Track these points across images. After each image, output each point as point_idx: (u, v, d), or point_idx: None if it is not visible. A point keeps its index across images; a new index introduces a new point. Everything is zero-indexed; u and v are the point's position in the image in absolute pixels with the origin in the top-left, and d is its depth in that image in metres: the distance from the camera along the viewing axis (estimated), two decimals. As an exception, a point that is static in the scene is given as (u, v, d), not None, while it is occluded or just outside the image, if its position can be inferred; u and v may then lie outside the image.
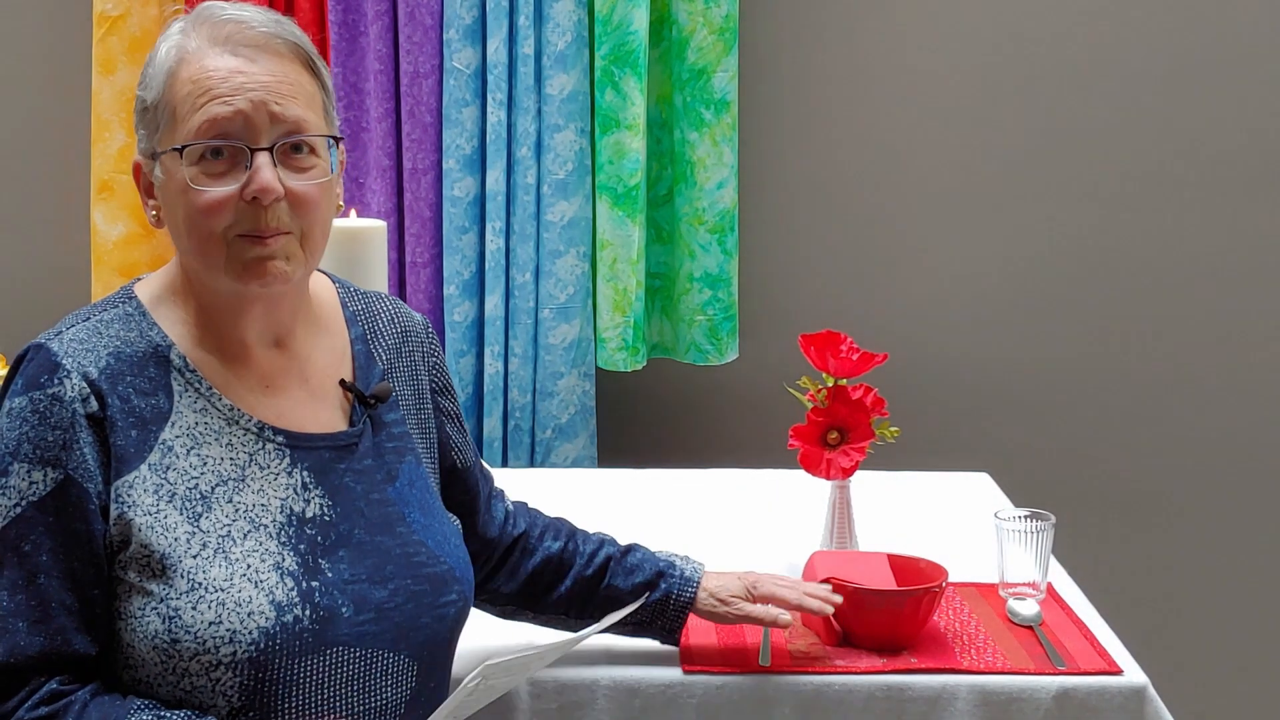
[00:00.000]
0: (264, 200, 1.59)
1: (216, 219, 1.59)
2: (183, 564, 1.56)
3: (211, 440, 1.62)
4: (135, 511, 1.56)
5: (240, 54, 1.60)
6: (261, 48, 1.61)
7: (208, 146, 1.59)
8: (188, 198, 1.59)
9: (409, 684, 1.66)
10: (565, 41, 3.13)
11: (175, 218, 1.63)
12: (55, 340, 1.61)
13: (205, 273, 1.64)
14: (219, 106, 1.58)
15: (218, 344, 1.67)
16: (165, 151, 1.61)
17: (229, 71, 1.59)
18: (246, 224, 1.59)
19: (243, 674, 1.55)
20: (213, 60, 1.60)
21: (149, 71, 1.63)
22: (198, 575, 1.56)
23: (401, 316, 1.85)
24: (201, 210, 1.59)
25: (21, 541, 1.55)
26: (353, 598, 1.62)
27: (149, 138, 1.63)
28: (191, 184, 1.58)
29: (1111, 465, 3.39)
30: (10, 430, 1.57)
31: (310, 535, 1.63)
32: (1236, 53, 3.27)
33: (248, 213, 1.59)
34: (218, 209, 1.59)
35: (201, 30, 1.62)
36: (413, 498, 1.73)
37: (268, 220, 1.60)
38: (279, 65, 1.62)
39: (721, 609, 1.91)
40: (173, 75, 1.60)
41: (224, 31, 1.61)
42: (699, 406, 3.39)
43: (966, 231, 3.33)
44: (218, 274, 1.62)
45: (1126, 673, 1.93)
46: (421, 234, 3.21)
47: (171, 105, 1.60)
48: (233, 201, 1.59)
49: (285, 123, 1.60)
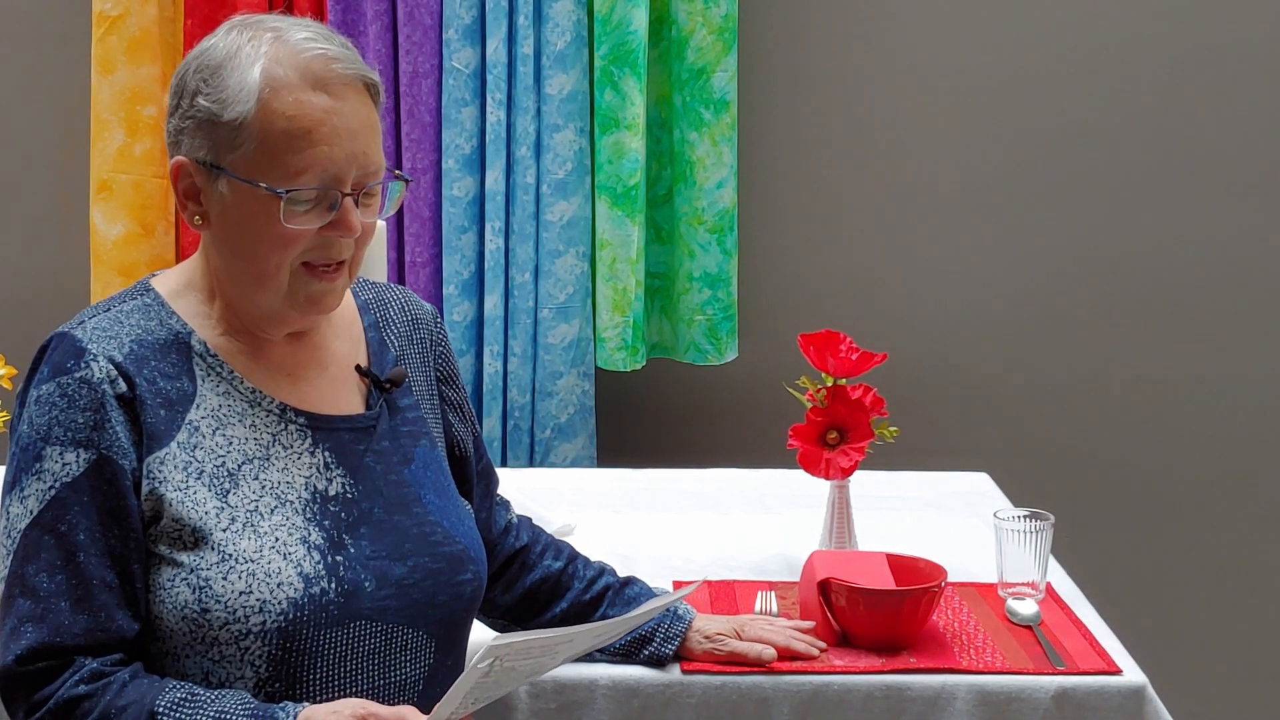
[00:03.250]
0: (346, 238, 1.64)
1: (292, 250, 1.63)
2: (213, 536, 1.60)
3: (235, 421, 1.66)
4: (166, 487, 1.60)
5: (332, 92, 1.63)
6: (348, 86, 1.64)
7: (310, 192, 1.62)
8: (268, 228, 1.62)
9: (427, 660, 1.70)
10: (564, 41, 3.13)
11: (239, 239, 1.65)
12: (78, 328, 1.64)
13: (257, 295, 1.67)
14: (323, 154, 1.61)
15: (239, 333, 1.71)
16: (250, 181, 1.62)
17: (324, 113, 1.62)
18: (315, 254, 1.64)
19: (271, 644, 1.59)
20: (307, 96, 1.61)
21: (224, 83, 1.62)
22: (228, 547, 1.60)
23: (411, 306, 1.88)
24: (283, 242, 1.63)
25: (58, 523, 1.58)
26: (375, 573, 1.66)
27: (215, 150, 1.63)
28: (282, 221, 1.61)
29: (1111, 465, 3.39)
30: (40, 416, 1.60)
31: (334, 512, 1.67)
32: (1236, 53, 3.27)
33: (318, 241, 1.64)
34: (298, 242, 1.63)
35: (285, 58, 1.62)
36: (428, 480, 1.76)
37: (340, 252, 1.65)
38: (363, 108, 1.65)
39: (708, 645, 1.94)
40: (264, 104, 1.61)
41: (313, 66, 1.62)
42: (698, 406, 3.39)
43: (966, 231, 3.33)
44: (273, 299, 1.66)
45: (1125, 672, 1.93)
46: (421, 234, 3.21)
47: (261, 134, 1.61)
48: (310, 234, 1.63)
49: (369, 168, 1.65)
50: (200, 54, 1.66)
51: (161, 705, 1.55)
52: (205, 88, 1.63)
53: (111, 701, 1.55)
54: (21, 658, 1.56)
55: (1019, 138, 3.30)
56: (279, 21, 1.67)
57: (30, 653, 1.56)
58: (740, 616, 2.01)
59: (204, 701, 1.56)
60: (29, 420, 1.61)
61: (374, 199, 1.68)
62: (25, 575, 1.58)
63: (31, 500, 1.59)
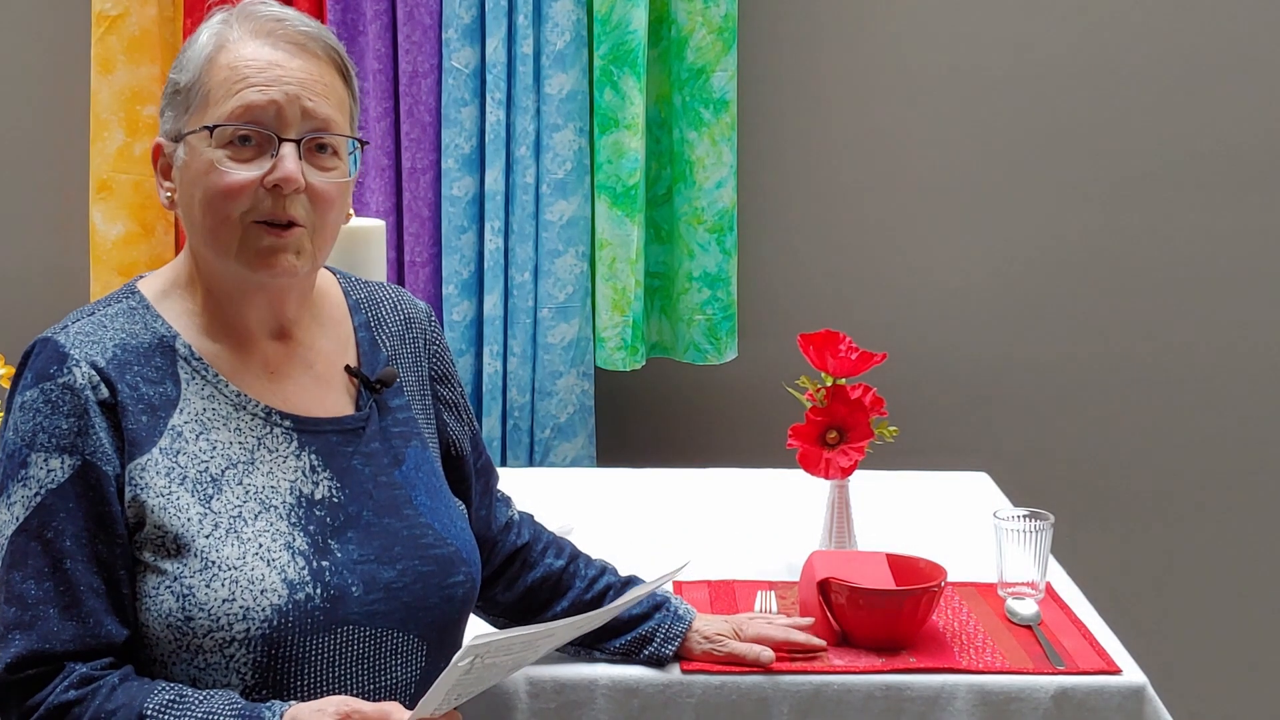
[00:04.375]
0: (285, 189, 1.63)
1: (236, 202, 1.63)
2: (196, 543, 1.59)
3: (219, 425, 1.65)
4: (148, 494, 1.60)
5: (280, 48, 1.65)
6: (301, 46, 1.66)
7: (237, 131, 1.63)
8: (210, 179, 1.63)
9: (419, 664, 1.69)
10: (564, 41, 3.13)
11: (192, 200, 1.66)
12: (61, 334, 1.64)
13: (215, 258, 1.67)
14: (254, 94, 1.63)
15: (223, 334, 1.70)
16: (194, 131, 1.64)
17: (267, 63, 1.64)
18: (264, 211, 1.63)
19: (256, 650, 1.59)
20: (252, 50, 1.64)
21: (185, 56, 1.68)
22: (211, 554, 1.59)
23: (404, 304, 1.87)
24: (223, 192, 1.62)
25: (44, 529, 1.58)
26: (362, 577, 1.65)
27: (176, 119, 1.67)
28: (217, 165, 1.62)
29: (1111, 465, 3.39)
30: (25, 422, 1.60)
31: (319, 516, 1.66)
32: (1237, 53, 3.27)
33: (266, 199, 1.63)
34: (239, 192, 1.62)
35: (244, 23, 1.66)
36: (419, 481, 1.75)
37: (285, 208, 1.63)
38: (315, 65, 1.66)
39: (708, 645, 1.94)
40: (210, 60, 1.65)
41: (266, 26, 1.66)
42: (698, 406, 3.39)
43: (966, 231, 3.33)
44: (228, 259, 1.65)
45: (1125, 672, 1.93)
46: (420, 233, 3.21)
47: (206, 88, 1.64)
48: (253, 187, 1.63)
49: (315, 119, 1.65)
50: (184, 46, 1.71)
51: (150, 707, 1.55)
52: (176, 65, 1.68)
53: (101, 705, 1.55)
54: (11, 665, 1.56)
55: (1019, 137, 3.30)
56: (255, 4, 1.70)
57: (20, 660, 1.56)
58: (739, 616, 2.01)
59: (192, 702, 1.56)
60: (14, 426, 1.61)
61: (329, 161, 1.67)
62: (12, 582, 1.58)
63: (17, 507, 1.59)
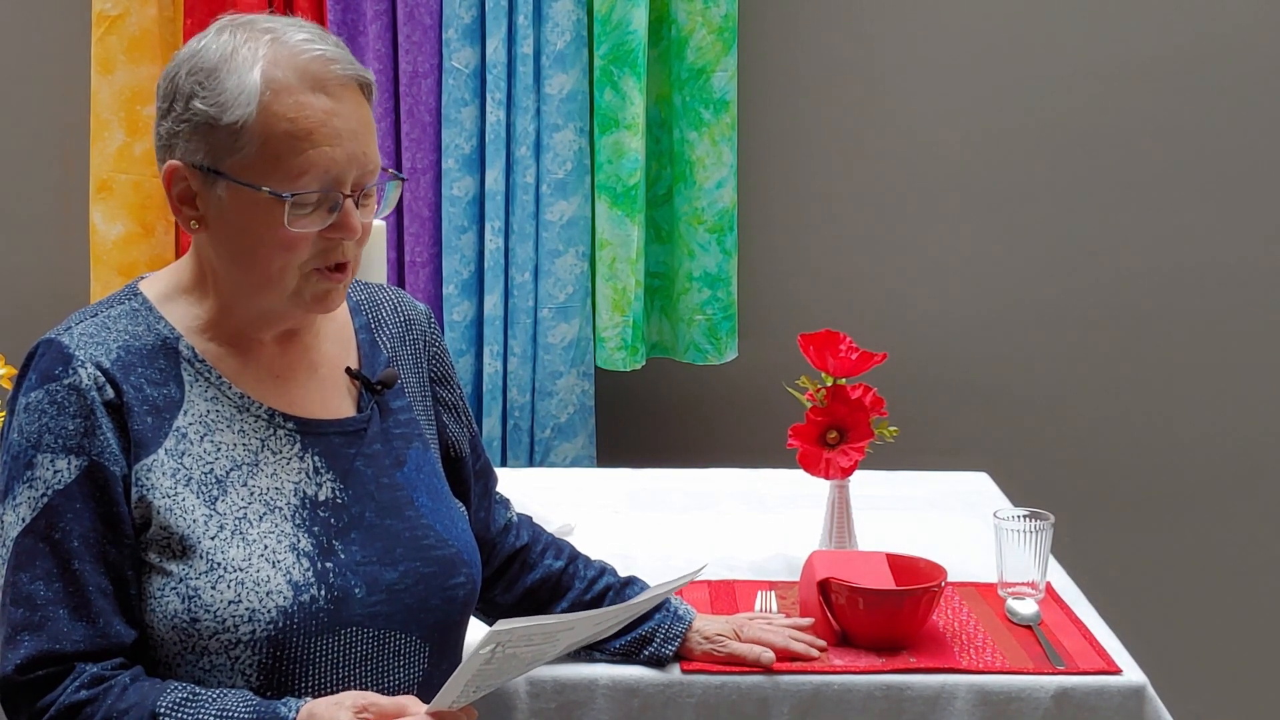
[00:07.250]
0: (347, 239, 1.64)
1: (296, 253, 1.63)
2: (201, 545, 1.60)
3: (224, 427, 1.66)
4: (154, 494, 1.60)
5: (331, 94, 1.62)
6: (345, 87, 1.64)
7: (312, 195, 1.61)
8: (271, 233, 1.62)
9: (421, 665, 1.70)
10: (564, 41, 3.13)
11: (237, 241, 1.64)
12: (65, 335, 1.64)
13: (261, 297, 1.66)
14: (321, 156, 1.61)
15: (228, 337, 1.70)
16: (250, 185, 1.61)
17: (325, 114, 1.61)
18: (321, 259, 1.64)
19: (261, 652, 1.59)
20: (307, 98, 1.61)
21: (221, 85, 1.61)
22: (216, 556, 1.60)
23: (404, 306, 1.87)
24: (285, 245, 1.62)
25: (52, 530, 1.58)
26: (365, 579, 1.65)
27: (212, 154, 1.62)
28: (288, 226, 1.61)
29: (1111, 465, 3.39)
30: (30, 424, 1.60)
31: (323, 518, 1.66)
32: (1237, 53, 3.27)
33: (322, 247, 1.64)
34: (301, 244, 1.63)
35: (284, 59, 1.61)
36: (420, 482, 1.75)
37: (343, 254, 1.65)
38: (360, 108, 1.65)
39: (708, 646, 1.94)
40: (264, 107, 1.60)
41: (311, 67, 1.62)
42: (698, 406, 3.39)
43: (966, 231, 3.33)
44: (279, 300, 1.66)
45: (1125, 672, 1.93)
46: (420, 233, 3.21)
47: (261, 138, 1.60)
48: (313, 237, 1.63)
49: (367, 168, 1.65)
50: (192, 56, 1.64)
51: (163, 706, 1.55)
52: (201, 90, 1.61)
53: (113, 705, 1.55)
54: (21, 666, 1.56)
55: (1019, 138, 3.30)
56: (272, 22, 1.66)
57: (30, 661, 1.56)
58: (739, 616, 2.01)
59: (205, 700, 1.56)
60: (19, 428, 1.61)
61: (371, 199, 1.68)
62: (19, 583, 1.58)
63: (24, 508, 1.59)
